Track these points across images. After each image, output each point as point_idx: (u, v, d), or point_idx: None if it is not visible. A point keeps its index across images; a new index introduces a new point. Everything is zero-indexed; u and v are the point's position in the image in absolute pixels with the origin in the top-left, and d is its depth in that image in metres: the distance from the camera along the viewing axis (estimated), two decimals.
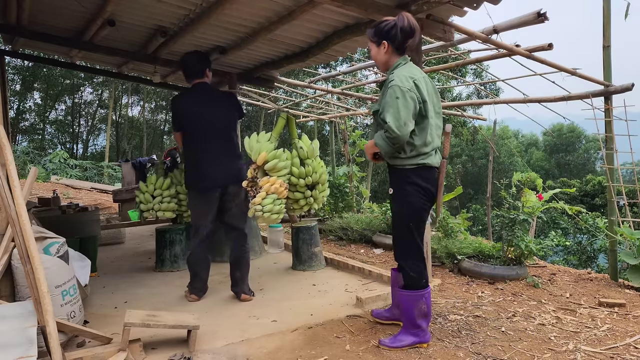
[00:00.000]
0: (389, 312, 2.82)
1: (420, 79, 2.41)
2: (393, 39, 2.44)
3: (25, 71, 21.32)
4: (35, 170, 2.52)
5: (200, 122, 3.27)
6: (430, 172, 2.46)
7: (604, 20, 4.38)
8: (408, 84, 2.32)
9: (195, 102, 3.36)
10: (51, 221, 3.67)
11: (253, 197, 3.08)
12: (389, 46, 2.47)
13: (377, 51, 2.53)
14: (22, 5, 4.18)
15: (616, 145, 4.51)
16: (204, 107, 3.31)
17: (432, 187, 2.48)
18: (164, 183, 3.73)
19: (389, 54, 2.50)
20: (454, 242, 4.68)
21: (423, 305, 2.42)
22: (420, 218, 2.49)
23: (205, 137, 3.27)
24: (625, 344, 2.57)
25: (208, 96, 3.37)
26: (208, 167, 3.25)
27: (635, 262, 3.86)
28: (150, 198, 3.46)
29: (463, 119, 15.99)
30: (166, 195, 3.72)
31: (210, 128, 3.26)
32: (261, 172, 3.09)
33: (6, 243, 2.23)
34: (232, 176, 3.27)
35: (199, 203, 3.32)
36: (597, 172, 27.31)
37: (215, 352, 2.42)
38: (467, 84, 11.54)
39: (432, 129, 2.44)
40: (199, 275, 3.33)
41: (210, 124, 3.26)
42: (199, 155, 3.28)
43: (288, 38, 4.90)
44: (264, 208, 2.94)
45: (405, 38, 2.43)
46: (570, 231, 13.68)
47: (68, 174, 14.25)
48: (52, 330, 1.95)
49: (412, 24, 2.43)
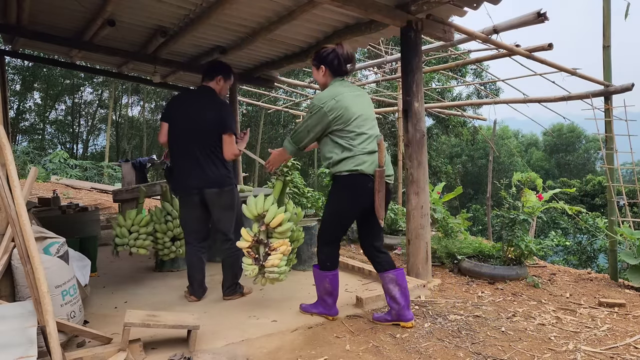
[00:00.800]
0: (389, 315, 2.86)
1: (346, 96, 2.69)
2: (330, 63, 2.78)
3: (25, 71, 21.32)
4: (35, 170, 2.52)
5: (184, 121, 3.20)
6: (361, 178, 2.66)
7: (604, 20, 4.38)
8: (321, 103, 2.67)
9: (187, 100, 3.32)
10: (51, 221, 3.67)
11: (255, 257, 3.00)
12: (327, 70, 2.81)
13: (317, 73, 2.88)
14: (22, 5, 4.18)
15: (616, 145, 4.52)
16: (193, 107, 3.23)
17: (364, 194, 2.68)
18: (143, 220, 3.67)
19: (326, 76, 2.83)
20: (454, 242, 4.68)
21: (327, 284, 2.84)
22: (338, 218, 2.80)
23: (185, 137, 3.19)
24: (625, 344, 2.57)
25: (202, 99, 3.26)
26: (182, 170, 3.22)
27: (635, 262, 3.87)
28: (127, 233, 3.42)
29: (463, 119, 15.99)
30: (142, 232, 3.63)
31: (192, 129, 3.16)
32: (265, 233, 3.05)
33: (6, 243, 2.23)
34: (207, 181, 3.17)
35: (181, 206, 3.35)
36: (597, 172, 27.32)
37: (215, 352, 2.42)
38: (467, 84, 11.55)
39: (361, 138, 2.69)
40: (192, 277, 3.32)
41: (193, 124, 3.17)
42: (177, 156, 3.26)
43: (288, 38, 4.91)
44: (280, 270, 2.94)
45: (340, 64, 2.78)
46: (570, 231, 13.69)
47: (68, 174, 14.24)
48: (52, 330, 1.95)
49: (348, 52, 2.80)
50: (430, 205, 4.63)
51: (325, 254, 2.86)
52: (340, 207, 2.78)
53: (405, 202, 3.91)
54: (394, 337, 2.63)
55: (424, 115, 3.85)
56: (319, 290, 2.90)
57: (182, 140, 3.21)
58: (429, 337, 2.63)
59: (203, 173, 3.18)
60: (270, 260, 2.92)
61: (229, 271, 3.33)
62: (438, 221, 5.04)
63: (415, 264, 3.72)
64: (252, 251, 3.01)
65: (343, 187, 2.73)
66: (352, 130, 2.68)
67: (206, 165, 3.18)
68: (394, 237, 5.47)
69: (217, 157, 3.21)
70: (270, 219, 2.95)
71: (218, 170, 3.21)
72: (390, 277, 2.77)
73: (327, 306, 2.89)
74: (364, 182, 2.68)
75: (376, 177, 2.67)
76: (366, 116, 2.75)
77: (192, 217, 3.30)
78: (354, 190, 2.70)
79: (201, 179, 3.17)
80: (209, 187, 3.18)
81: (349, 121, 2.67)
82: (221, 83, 3.33)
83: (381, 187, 2.68)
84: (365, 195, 2.69)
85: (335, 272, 2.87)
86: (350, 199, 2.74)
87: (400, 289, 2.77)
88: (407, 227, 3.80)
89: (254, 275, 3.00)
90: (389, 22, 3.76)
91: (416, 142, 3.74)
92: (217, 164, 3.21)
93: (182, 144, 3.21)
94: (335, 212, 2.81)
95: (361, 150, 2.67)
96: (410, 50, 3.75)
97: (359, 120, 2.70)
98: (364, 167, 2.66)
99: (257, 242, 3.01)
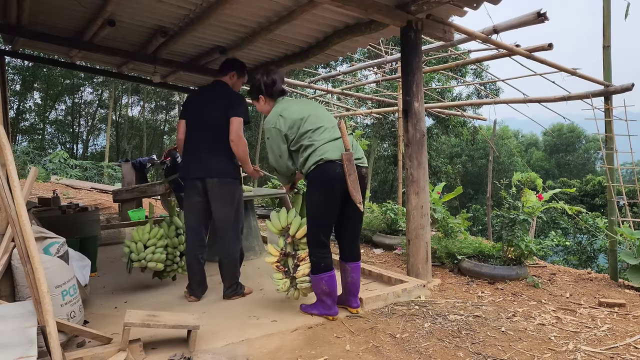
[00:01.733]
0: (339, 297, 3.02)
1: (290, 108, 2.84)
2: (264, 92, 2.96)
3: (25, 71, 21.31)
4: (35, 170, 2.52)
5: (196, 114, 3.30)
6: (327, 165, 2.69)
7: (604, 20, 4.38)
8: (271, 125, 2.83)
9: (200, 95, 3.44)
10: (51, 221, 3.67)
11: (285, 271, 3.01)
12: (265, 97, 2.98)
13: (259, 105, 3.03)
14: (22, 5, 4.18)
15: (616, 145, 4.51)
16: (205, 101, 3.33)
17: (335, 181, 2.68)
18: (158, 232, 3.60)
19: (268, 103, 3.00)
20: (454, 242, 4.68)
21: (324, 286, 2.83)
22: (318, 216, 2.79)
23: (197, 129, 3.28)
24: (625, 344, 2.57)
25: (214, 93, 3.36)
26: (190, 158, 3.28)
27: (635, 262, 3.86)
28: (143, 248, 3.37)
29: (463, 119, 15.99)
30: (160, 245, 3.53)
31: (203, 122, 3.26)
32: (292, 245, 3.07)
33: (6, 243, 2.23)
34: (211, 169, 3.21)
35: (185, 199, 3.34)
36: (597, 172, 27.32)
37: (215, 352, 2.42)
38: (467, 84, 11.55)
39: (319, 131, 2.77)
40: (192, 277, 3.32)
41: (204, 117, 3.26)
42: (186, 146, 3.33)
43: (288, 38, 4.90)
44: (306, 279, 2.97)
45: (270, 87, 2.94)
46: (570, 231, 13.69)
47: (68, 174, 14.24)
48: (52, 330, 1.95)
49: (273, 76, 2.95)
50: (430, 205, 4.63)
51: (316, 256, 2.84)
52: (317, 203, 2.77)
53: (405, 202, 3.91)
54: (394, 337, 2.64)
55: (424, 115, 3.85)
56: (316, 293, 2.90)
57: (194, 132, 3.30)
58: (429, 337, 2.63)
59: (207, 163, 3.22)
60: (301, 270, 2.95)
61: (228, 272, 3.32)
62: (438, 221, 5.04)
63: (415, 264, 3.72)
64: (281, 265, 3.05)
65: (313, 181, 2.75)
66: (308, 129, 2.77)
67: (212, 157, 3.23)
68: (394, 237, 5.47)
69: (224, 152, 3.25)
70: (295, 230, 3.00)
71: (222, 163, 3.24)
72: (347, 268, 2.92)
73: (326, 306, 2.89)
74: (333, 169, 2.68)
75: (344, 161, 2.67)
76: (318, 114, 2.85)
77: (194, 212, 3.30)
78: (324, 179, 2.70)
79: (205, 168, 3.22)
80: (212, 176, 3.21)
81: (303, 124, 2.78)
82: (234, 79, 3.43)
83: (351, 170, 2.67)
84: (337, 182, 2.69)
85: (332, 273, 2.85)
86: (323, 191, 2.73)
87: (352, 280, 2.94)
88: (407, 227, 3.80)
89: (286, 289, 3.03)
90: (389, 22, 3.76)
91: (416, 142, 3.74)
92: (223, 159, 3.25)
93: (194, 136, 3.29)
94: (313, 211, 2.80)
95: (322, 141, 2.73)
96: (410, 50, 3.75)
97: (311, 118, 2.80)
98: (328, 154, 2.69)
99: (284, 255, 3.04)
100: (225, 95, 3.33)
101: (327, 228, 2.85)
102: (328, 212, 2.80)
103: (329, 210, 2.79)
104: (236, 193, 3.31)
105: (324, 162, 2.69)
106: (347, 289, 2.97)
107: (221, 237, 3.31)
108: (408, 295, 3.37)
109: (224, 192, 3.25)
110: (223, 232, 3.29)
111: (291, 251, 3.04)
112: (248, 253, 4.62)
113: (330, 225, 2.87)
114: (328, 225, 2.84)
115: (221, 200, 3.25)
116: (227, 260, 3.29)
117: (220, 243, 3.31)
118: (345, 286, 2.98)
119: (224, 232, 3.29)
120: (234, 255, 3.27)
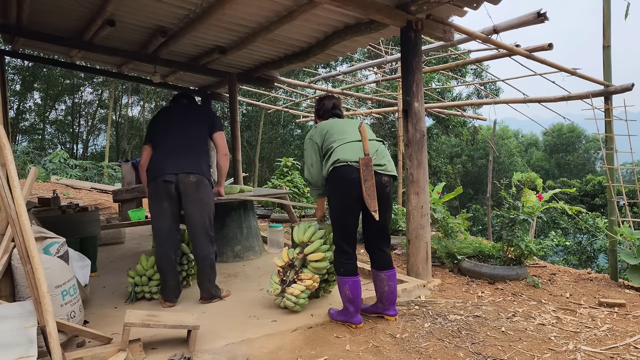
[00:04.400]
0: (374, 306, 2.97)
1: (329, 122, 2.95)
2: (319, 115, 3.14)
3: (25, 71, 21.30)
4: (35, 170, 2.52)
5: (166, 126, 3.29)
6: (344, 169, 2.66)
7: (604, 20, 4.38)
8: (308, 137, 2.94)
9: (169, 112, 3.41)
10: (51, 221, 3.67)
11: (282, 279, 3.02)
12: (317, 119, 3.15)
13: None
14: (22, 5, 4.18)
15: (616, 145, 4.51)
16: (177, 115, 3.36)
17: (351, 185, 2.64)
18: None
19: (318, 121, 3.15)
20: (454, 242, 4.68)
21: (347, 290, 2.75)
22: (337, 218, 2.75)
23: (167, 135, 3.23)
24: (625, 344, 2.57)
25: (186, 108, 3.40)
26: (160, 157, 3.16)
27: (635, 262, 3.86)
28: (147, 280, 3.37)
29: (463, 119, 15.99)
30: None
31: (174, 129, 3.25)
32: (301, 261, 3.05)
33: (6, 243, 2.23)
34: (185, 165, 3.09)
35: (152, 199, 3.16)
36: (597, 172, 27.29)
37: (215, 352, 2.42)
38: (467, 84, 11.55)
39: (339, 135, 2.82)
40: (165, 283, 3.19)
41: (175, 126, 3.27)
42: (156, 150, 3.24)
43: (288, 38, 4.91)
44: (298, 301, 2.94)
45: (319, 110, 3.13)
46: (570, 231, 13.68)
47: (68, 174, 14.24)
48: (52, 330, 1.95)
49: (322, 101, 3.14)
50: (430, 205, 4.63)
51: (337, 259, 2.80)
52: (335, 207, 2.75)
53: (405, 202, 3.91)
54: (394, 337, 2.64)
55: (424, 115, 3.85)
56: (341, 297, 2.84)
57: (162, 138, 3.24)
58: (429, 337, 2.63)
59: (180, 160, 3.12)
60: (292, 288, 2.96)
61: (204, 276, 3.19)
62: (438, 221, 5.04)
63: (415, 264, 3.72)
64: (282, 272, 3.06)
65: (331, 183, 2.74)
66: (333, 134, 2.82)
67: (185, 153, 3.15)
68: (394, 237, 5.46)
69: (195, 148, 3.22)
70: (310, 250, 3.02)
71: (196, 160, 3.17)
72: (382, 277, 2.84)
73: (349, 314, 2.79)
74: (349, 173, 2.65)
75: (360, 165, 2.64)
76: (347, 123, 2.91)
77: (164, 213, 3.12)
78: (340, 184, 2.68)
79: (178, 164, 3.09)
80: (186, 171, 3.08)
81: (330, 129, 2.86)
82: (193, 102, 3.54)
83: (368, 176, 2.62)
84: (353, 188, 2.65)
85: (356, 279, 2.76)
86: (339, 196, 2.71)
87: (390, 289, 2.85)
88: (407, 227, 3.80)
89: (276, 295, 3.05)
90: (389, 22, 3.76)
91: (416, 142, 3.74)
92: (195, 154, 3.18)
93: (162, 141, 3.23)
94: (334, 213, 2.78)
95: (342, 141, 2.74)
96: (410, 50, 3.75)
97: (338, 126, 2.87)
98: (345, 155, 2.67)
99: (290, 265, 3.05)
100: (200, 109, 3.43)
101: (347, 234, 2.76)
102: (346, 217, 2.73)
103: (347, 216, 2.72)
104: (210, 198, 3.22)
105: (341, 165, 2.67)
106: (384, 298, 2.87)
107: (196, 241, 3.19)
108: (408, 295, 3.37)
109: (201, 192, 3.13)
110: (198, 236, 3.17)
111: (297, 265, 3.04)
112: (248, 253, 4.62)
113: (350, 232, 2.77)
114: (348, 231, 2.75)
115: (194, 201, 3.12)
116: (202, 264, 3.17)
117: (196, 247, 3.20)
118: (381, 295, 2.88)
119: (199, 236, 3.17)
120: (209, 258, 3.17)
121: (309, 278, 2.97)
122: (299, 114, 10.71)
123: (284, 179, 8.57)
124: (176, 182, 3.09)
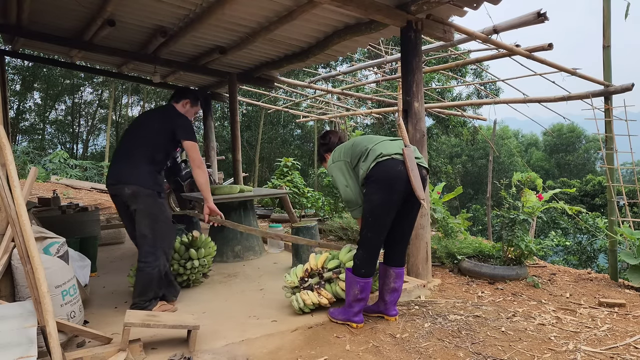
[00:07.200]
0: (375, 306, 2.96)
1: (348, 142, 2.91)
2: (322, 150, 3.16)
3: (25, 71, 21.29)
4: (35, 170, 2.52)
5: (126, 130, 3.22)
6: (388, 162, 2.57)
7: (604, 20, 4.38)
8: (333, 162, 2.87)
9: (147, 113, 3.39)
10: (51, 221, 3.68)
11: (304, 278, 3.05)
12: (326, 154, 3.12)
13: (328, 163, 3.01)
14: (22, 5, 4.19)
15: (616, 145, 4.51)
16: (150, 116, 3.28)
17: (396, 178, 2.55)
18: None
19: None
20: (454, 242, 4.68)
21: (357, 290, 2.71)
22: (373, 216, 2.61)
23: (122, 139, 3.18)
24: (625, 344, 2.57)
25: (161, 111, 3.28)
26: (110, 165, 3.14)
27: (635, 262, 3.86)
28: None
29: (463, 119, 15.99)
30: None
31: (133, 133, 3.15)
32: (318, 279, 3.05)
33: (6, 243, 2.23)
34: (121, 176, 2.99)
35: (117, 209, 3.20)
36: (597, 172, 27.29)
37: (215, 352, 2.42)
38: (467, 84, 11.55)
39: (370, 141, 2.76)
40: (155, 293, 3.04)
41: (136, 129, 3.17)
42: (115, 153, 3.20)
43: (288, 38, 4.91)
44: (304, 308, 2.94)
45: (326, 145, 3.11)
46: (570, 231, 13.68)
47: (68, 174, 14.24)
48: (52, 330, 1.95)
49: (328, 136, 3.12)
50: (430, 205, 4.63)
51: (359, 258, 2.69)
52: (375, 204, 2.58)
53: None
54: (394, 337, 2.64)
55: (424, 115, 3.85)
56: (348, 296, 2.77)
57: (126, 142, 3.15)
58: (429, 337, 2.63)
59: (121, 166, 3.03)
60: (306, 295, 2.96)
61: (137, 284, 2.99)
62: (438, 221, 5.04)
63: (415, 264, 3.72)
64: (309, 271, 3.07)
65: (373, 179, 2.58)
66: (361, 143, 2.76)
67: (130, 162, 3.02)
68: None
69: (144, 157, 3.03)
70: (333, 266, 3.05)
71: (140, 169, 2.99)
72: (392, 273, 2.82)
73: (353, 313, 2.77)
74: (394, 166, 2.54)
75: (405, 156, 2.55)
76: (369, 136, 2.85)
77: (124, 220, 3.15)
78: (385, 177, 2.54)
79: (119, 173, 3.01)
80: (125, 183, 2.96)
81: (356, 143, 2.79)
82: (187, 107, 3.31)
83: (413, 166, 2.53)
84: (399, 182, 2.53)
85: (369, 281, 2.72)
86: (383, 191, 2.55)
87: (396, 286, 2.84)
88: None
89: (291, 287, 3.06)
90: (389, 22, 3.76)
91: (416, 142, 3.74)
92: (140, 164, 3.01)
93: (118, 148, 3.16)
94: (369, 211, 2.61)
95: (374, 143, 2.68)
96: (410, 51, 3.75)
97: (364, 137, 2.82)
98: (388, 150, 2.59)
99: (319, 274, 3.07)
100: (172, 116, 3.19)
101: (379, 231, 2.63)
102: (386, 217, 2.60)
103: (387, 213, 2.59)
104: (157, 205, 3.03)
105: (384, 159, 2.56)
106: (389, 297, 2.84)
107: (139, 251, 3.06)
108: (408, 295, 3.37)
109: (143, 202, 2.98)
110: (140, 246, 3.04)
111: (325, 278, 3.05)
112: (248, 253, 4.62)
113: (383, 233, 2.65)
114: (381, 227, 2.62)
115: (139, 214, 3.00)
116: (140, 273, 2.97)
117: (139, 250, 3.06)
118: (384, 294, 2.85)
119: (140, 247, 3.04)
120: (144, 269, 2.95)
121: (327, 298, 2.96)
122: (299, 114, 10.71)
123: (284, 179, 8.57)
124: (116, 193, 3.05)
